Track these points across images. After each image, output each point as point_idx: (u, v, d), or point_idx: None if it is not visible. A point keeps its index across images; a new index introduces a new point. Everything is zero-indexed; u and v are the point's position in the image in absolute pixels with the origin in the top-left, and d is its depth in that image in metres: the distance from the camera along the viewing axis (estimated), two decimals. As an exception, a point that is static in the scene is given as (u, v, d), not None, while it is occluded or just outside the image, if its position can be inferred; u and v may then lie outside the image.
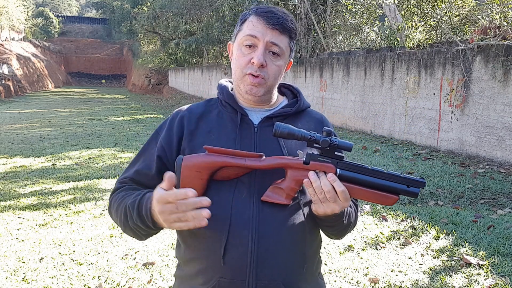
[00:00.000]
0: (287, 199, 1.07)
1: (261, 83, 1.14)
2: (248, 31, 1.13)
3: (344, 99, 10.68)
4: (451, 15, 8.47)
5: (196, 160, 1.07)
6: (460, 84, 7.13)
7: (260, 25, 1.12)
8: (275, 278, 1.06)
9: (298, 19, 13.19)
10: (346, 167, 1.05)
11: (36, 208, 4.56)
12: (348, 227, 1.19)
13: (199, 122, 1.18)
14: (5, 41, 34.58)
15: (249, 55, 1.13)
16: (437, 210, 4.27)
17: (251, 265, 1.05)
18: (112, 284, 2.91)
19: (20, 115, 15.48)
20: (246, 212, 1.07)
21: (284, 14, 1.15)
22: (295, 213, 1.11)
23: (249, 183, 1.10)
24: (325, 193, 1.03)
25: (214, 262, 1.07)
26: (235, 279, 1.05)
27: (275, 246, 1.07)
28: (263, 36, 1.12)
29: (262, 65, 1.12)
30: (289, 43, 1.16)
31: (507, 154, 6.28)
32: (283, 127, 1.05)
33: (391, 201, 1.05)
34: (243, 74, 1.14)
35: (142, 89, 33.50)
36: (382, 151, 7.51)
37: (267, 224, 1.07)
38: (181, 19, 23.03)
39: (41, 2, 62.33)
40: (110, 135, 10.49)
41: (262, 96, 1.17)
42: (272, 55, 1.14)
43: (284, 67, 1.18)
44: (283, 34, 1.14)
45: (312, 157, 1.06)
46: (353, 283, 2.89)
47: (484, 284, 2.78)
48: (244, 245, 1.05)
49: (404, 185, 1.03)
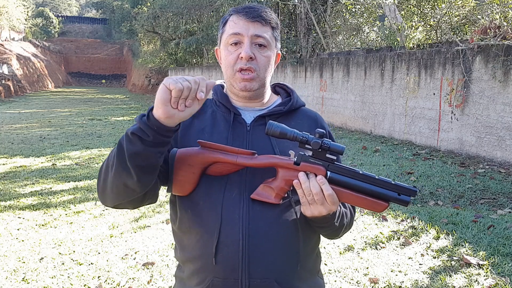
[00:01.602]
0: (276, 198, 1.07)
1: (253, 78, 1.15)
2: (231, 30, 1.15)
3: (344, 99, 10.68)
4: (451, 15, 8.47)
5: (189, 154, 1.08)
6: (460, 84, 7.13)
7: (241, 21, 1.14)
8: (267, 276, 1.06)
9: (298, 19, 13.21)
10: (336, 170, 1.04)
11: (36, 208, 4.56)
12: (341, 229, 1.18)
13: (194, 119, 1.18)
14: (5, 41, 34.57)
15: (236, 52, 1.14)
16: (437, 210, 4.27)
17: (243, 263, 1.05)
18: (112, 284, 2.91)
19: (20, 115, 15.47)
20: (236, 211, 1.08)
21: (262, 7, 1.17)
22: (286, 212, 1.11)
23: (239, 181, 1.10)
24: (313, 195, 1.03)
25: (207, 262, 1.07)
26: (228, 278, 1.06)
27: (266, 244, 1.07)
28: (247, 31, 1.13)
29: (251, 57, 1.13)
30: (273, 33, 1.18)
31: (507, 154, 6.28)
32: (276, 126, 1.05)
33: (380, 208, 1.04)
34: (234, 72, 1.15)
35: (142, 89, 33.50)
36: (382, 151, 7.51)
37: (257, 222, 1.07)
38: (181, 19, 23.03)
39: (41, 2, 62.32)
40: (110, 135, 10.49)
41: (257, 91, 1.18)
42: (259, 47, 1.15)
43: (273, 58, 1.20)
44: (265, 26, 1.16)
45: (303, 158, 1.05)
46: (353, 283, 2.89)
47: (484, 284, 2.78)
48: (235, 243, 1.06)
49: (395, 192, 1.02)
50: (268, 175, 1.09)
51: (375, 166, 6.35)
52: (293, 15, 14.21)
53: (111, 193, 1.05)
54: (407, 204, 1.02)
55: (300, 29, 13.13)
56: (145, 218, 4.22)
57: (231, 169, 1.08)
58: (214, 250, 1.06)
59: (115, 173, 1.00)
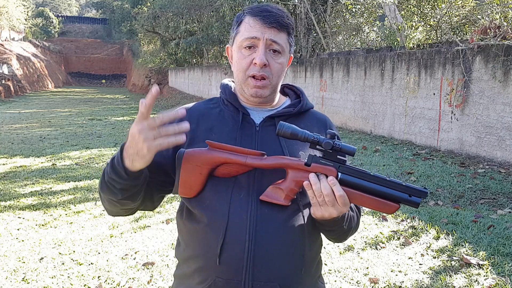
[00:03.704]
0: (286, 200, 1.06)
1: (265, 85, 1.13)
2: (246, 34, 1.13)
3: (344, 99, 10.68)
4: (451, 15, 8.47)
5: (197, 154, 1.07)
6: (460, 84, 7.13)
7: (257, 25, 1.12)
8: (271, 279, 1.05)
9: (298, 19, 13.20)
10: (347, 172, 1.04)
11: (36, 208, 4.56)
12: (349, 232, 1.17)
13: (200, 120, 1.17)
14: (5, 41, 34.58)
15: (250, 56, 1.13)
16: (437, 210, 4.27)
17: (248, 265, 1.04)
18: (112, 284, 2.91)
19: (20, 115, 15.47)
20: (244, 212, 1.06)
21: (279, 11, 1.14)
22: (294, 215, 1.09)
23: (248, 182, 1.09)
24: (324, 196, 1.02)
25: (211, 261, 1.06)
26: (231, 279, 1.05)
27: (272, 247, 1.06)
28: (262, 36, 1.11)
29: (265, 64, 1.11)
30: (288, 39, 1.16)
31: (507, 154, 6.28)
32: (287, 127, 1.04)
33: (391, 209, 1.03)
34: (246, 77, 1.14)
35: (142, 89, 33.48)
36: (382, 151, 7.51)
37: (264, 224, 1.06)
38: (181, 19, 23.02)
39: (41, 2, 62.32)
40: (110, 135, 10.49)
41: (268, 97, 1.17)
42: (273, 53, 1.13)
43: (286, 63, 1.18)
44: (281, 31, 1.13)
45: (314, 159, 1.04)
46: (353, 283, 2.89)
47: (484, 284, 2.78)
48: (241, 245, 1.04)
49: (406, 194, 1.02)
50: (276, 177, 1.08)
51: (375, 166, 6.35)
52: (293, 15, 14.20)
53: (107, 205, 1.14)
54: (418, 205, 1.02)
55: (300, 29, 13.12)
56: (145, 218, 4.22)
57: (239, 170, 1.07)
58: (219, 250, 1.05)
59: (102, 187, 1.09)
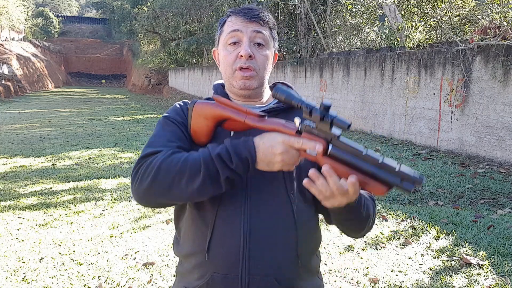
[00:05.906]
0: None
1: (252, 76, 1.15)
2: (229, 29, 1.16)
3: (344, 99, 10.68)
4: (451, 15, 8.47)
5: (204, 107, 1.13)
6: (460, 84, 7.13)
7: (239, 21, 1.16)
8: (267, 273, 1.06)
9: (298, 19, 13.21)
10: (339, 146, 0.98)
11: (36, 208, 4.56)
12: (367, 221, 1.13)
13: None
14: (5, 41, 34.57)
15: (235, 51, 1.15)
16: (437, 210, 4.27)
17: (243, 259, 1.06)
18: (112, 284, 2.91)
19: (20, 115, 15.47)
20: (238, 206, 1.08)
21: (259, 8, 1.20)
22: (287, 208, 1.10)
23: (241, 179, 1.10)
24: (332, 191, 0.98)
25: (208, 256, 1.08)
26: (228, 274, 1.06)
27: (266, 240, 1.07)
28: (246, 29, 1.15)
29: (250, 56, 1.14)
30: (271, 33, 1.20)
31: (507, 154, 6.28)
32: (282, 91, 1.03)
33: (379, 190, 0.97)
34: (233, 71, 1.16)
35: (142, 89, 33.50)
36: (382, 151, 7.52)
37: (258, 218, 1.08)
38: (181, 19, 23.04)
39: (41, 2, 62.28)
40: (110, 135, 10.49)
41: (256, 89, 1.19)
42: (258, 46, 1.16)
43: (271, 57, 1.20)
44: (263, 26, 1.17)
45: (306, 128, 1.01)
46: (353, 283, 2.89)
47: (484, 284, 2.78)
48: (236, 239, 1.06)
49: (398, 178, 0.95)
50: (270, 173, 1.07)
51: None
52: (293, 15, 14.21)
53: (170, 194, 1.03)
54: (409, 192, 0.96)
55: (300, 29, 13.13)
56: (145, 218, 4.22)
57: (241, 127, 1.10)
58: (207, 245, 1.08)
59: (196, 182, 1.01)
